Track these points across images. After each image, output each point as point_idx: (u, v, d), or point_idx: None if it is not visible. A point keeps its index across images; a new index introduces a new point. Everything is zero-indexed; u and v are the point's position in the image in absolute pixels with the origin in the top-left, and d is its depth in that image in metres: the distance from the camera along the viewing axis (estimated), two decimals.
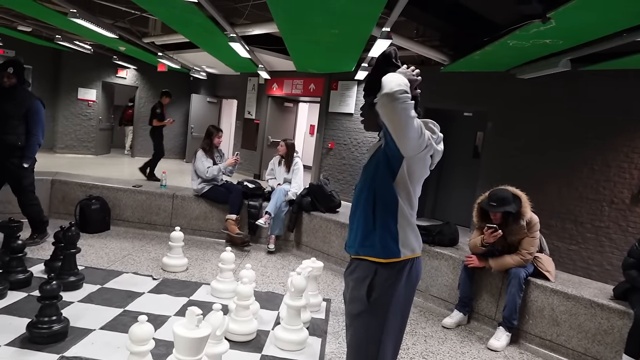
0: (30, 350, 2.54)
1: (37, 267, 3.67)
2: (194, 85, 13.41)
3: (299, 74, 9.61)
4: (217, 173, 5.22)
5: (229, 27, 5.87)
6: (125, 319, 3.05)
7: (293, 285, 2.94)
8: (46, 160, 9.97)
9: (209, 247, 5.06)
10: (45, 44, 10.52)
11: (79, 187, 5.32)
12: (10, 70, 3.86)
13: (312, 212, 5.14)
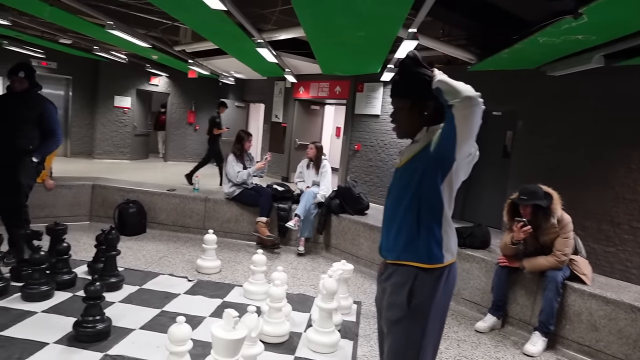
0: (77, 349, 2.68)
1: (80, 269, 3.85)
2: (223, 91, 13.66)
3: (325, 76, 9.68)
4: (247, 177, 5.33)
5: (256, 33, 5.99)
6: (163, 319, 3.17)
7: (324, 287, 2.99)
8: (86, 165, 10.38)
9: (241, 249, 5.18)
10: (84, 55, 10.95)
11: (117, 191, 5.54)
12: (21, 75, 3.76)
13: (340, 215, 5.19)
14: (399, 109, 1.89)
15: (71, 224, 4.42)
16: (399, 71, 1.88)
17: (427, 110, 1.82)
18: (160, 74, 12.56)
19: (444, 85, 1.66)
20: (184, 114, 13.48)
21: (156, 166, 12.22)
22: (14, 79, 3.77)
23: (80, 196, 5.52)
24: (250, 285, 3.76)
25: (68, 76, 11.78)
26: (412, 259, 1.81)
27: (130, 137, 12.53)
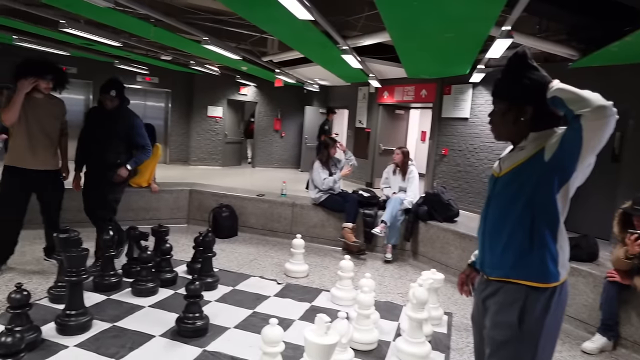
0: (179, 342, 2.86)
1: (180, 268, 4.12)
2: (307, 98, 13.98)
3: (410, 80, 9.52)
4: (333, 184, 5.38)
5: (341, 40, 6.06)
6: (255, 319, 3.28)
7: (414, 296, 2.92)
8: (182, 171, 11.15)
9: (327, 254, 5.23)
10: (181, 69, 11.82)
11: (212, 196, 5.87)
12: (112, 94, 3.84)
13: (429, 222, 5.05)
14: (495, 110, 1.78)
15: (171, 226, 4.73)
16: (503, 69, 1.75)
17: (524, 116, 1.68)
18: (249, 84, 13.16)
19: (567, 94, 1.52)
20: (270, 121, 14.00)
21: (245, 172, 12.80)
22: (106, 97, 3.86)
23: (179, 200, 5.93)
24: (337, 290, 3.77)
25: (167, 89, 12.76)
26: (524, 277, 1.65)
27: (222, 145, 13.25)
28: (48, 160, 3.79)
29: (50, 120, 3.80)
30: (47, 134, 3.77)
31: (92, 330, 2.89)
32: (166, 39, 7.61)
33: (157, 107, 12.95)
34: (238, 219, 5.72)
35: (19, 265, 4.02)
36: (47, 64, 3.73)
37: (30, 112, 3.66)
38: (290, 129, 14.26)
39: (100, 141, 3.90)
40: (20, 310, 2.51)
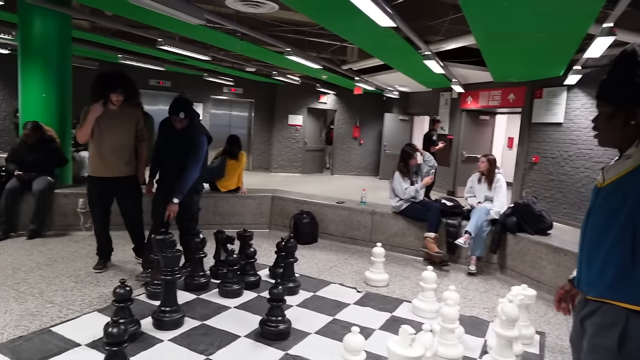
0: (262, 344, 2.95)
1: (263, 272, 4.26)
2: (387, 104, 13.88)
3: (497, 84, 9.11)
4: (415, 193, 5.27)
5: (423, 45, 5.95)
6: (336, 327, 3.29)
7: (504, 313, 2.76)
8: (264, 178, 11.56)
9: (407, 264, 5.13)
10: (264, 80, 12.31)
11: (293, 202, 6.01)
12: (182, 116, 3.73)
13: (518, 234, 4.77)
14: (600, 114, 1.61)
15: (254, 230, 4.89)
16: (609, 69, 1.58)
17: (635, 119, 1.50)
18: (328, 92, 13.36)
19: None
20: (349, 129, 14.08)
21: (324, 179, 12.97)
22: (175, 119, 3.76)
23: (262, 206, 6.14)
24: (419, 302, 3.68)
25: (251, 100, 13.34)
26: (624, 298, 1.50)
27: (302, 152, 13.56)
28: (121, 168, 3.95)
29: (123, 130, 3.95)
30: (120, 144, 3.92)
31: (184, 327, 3.07)
32: (251, 52, 7.98)
33: (241, 117, 13.58)
34: (318, 225, 5.80)
35: (122, 262, 4.39)
36: (117, 77, 3.86)
37: (104, 125, 3.85)
38: (369, 136, 14.24)
39: (172, 157, 3.86)
40: (124, 304, 2.74)
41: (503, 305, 2.83)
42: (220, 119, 13.30)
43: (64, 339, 2.82)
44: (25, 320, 3.06)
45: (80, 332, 2.89)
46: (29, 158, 5.03)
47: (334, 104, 13.91)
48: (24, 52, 5.48)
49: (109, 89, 3.78)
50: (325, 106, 13.88)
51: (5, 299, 3.37)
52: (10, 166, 5.05)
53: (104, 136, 3.87)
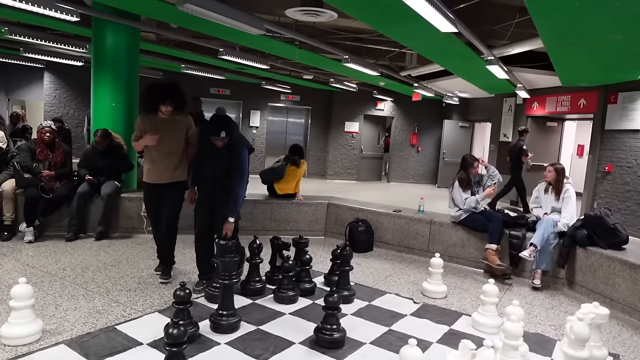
0: (316, 352, 2.92)
1: (318, 279, 4.25)
2: (446, 111, 13.55)
3: (566, 89, 8.62)
4: (475, 204, 5.07)
5: (486, 50, 5.75)
6: (391, 338, 3.21)
7: (573, 331, 2.58)
8: (319, 185, 11.62)
9: (467, 276, 4.93)
10: (321, 87, 12.42)
11: (349, 210, 5.98)
12: (223, 135, 3.58)
13: (588, 248, 4.45)
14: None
15: (310, 237, 4.89)
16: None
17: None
18: (386, 99, 13.24)
19: None
20: (407, 136, 13.87)
21: (380, 187, 12.83)
22: (217, 139, 3.60)
23: (318, 213, 6.15)
24: (479, 316, 3.51)
25: (308, 107, 13.48)
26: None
27: (358, 159, 13.51)
28: (169, 175, 4.00)
29: (173, 138, 4.00)
30: (170, 152, 3.99)
31: (240, 331, 3.12)
32: (309, 60, 8.07)
33: (298, 124, 13.77)
34: (374, 233, 5.72)
35: (181, 265, 4.55)
36: (166, 88, 3.88)
37: (150, 133, 3.94)
38: (428, 143, 13.95)
39: (214, 169, 3.81)
40: (183, 306, 2.82)
41: (572, 323, 2.65)
42: (277, 126, 13.55)
43: (127, 337, 2.94)
44: (93, 317, 3.23)
45: (143, 332, 3.01)
46: (99, 163, 5.34)
47: (391, 111, 13.76)
48: (96, 64, 5.86)
49: (158, 100, 3.83)
50: (382, 113, 13.76)
51: (75, 297, 3.58)
52: (82, 171, 5.39)
53: (155, 146, 3.94)
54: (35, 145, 5.11)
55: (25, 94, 12.54)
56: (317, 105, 13.43)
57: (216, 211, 3.85)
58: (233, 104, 12.71)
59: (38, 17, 5.61)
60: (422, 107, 13.08)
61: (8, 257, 4.44)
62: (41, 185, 4.98)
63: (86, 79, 6.22)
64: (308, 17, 5.67)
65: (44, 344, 2.79)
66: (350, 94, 12.43)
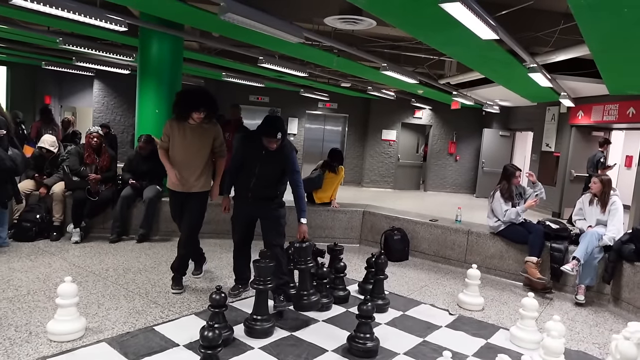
0: None
1: (352, 287, 4.23)
2: (486, 119, 13.26)
3: (613, 97, 8.27)
4: (515, 217, 4.92)
5: (529, 57, 5.60)
6: (425, 349, 3.16)
7: (619, 351, 2.46)
8: (355, 193, 11.59)
9: (505, 288, 4.79)
10: (358, 95, 12.43)
11: (384, 218, 5.93)
12: (279, 136, 3.50)
13: (636, 263, 4.24)
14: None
15: (345, 245, 4.88)
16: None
17: None
18: (424, 107, 13.09)
19: None
20: (445, 144, 13.65)
21: (416, 196, 12.66)
22: (272, 141, 3.51)
23: (353, 221, 6.14)
24: (518, 330, 3.41)
25: (345, 114, 13.50)
26: None
27: (394, 168, 13.40)
28: (191, 184, 3.90)
29: (199, 146, 3.89)
30: (195, 160, 3.88)
31: (273, 336, 3.15)
32: (347, 68, 8.10)
33: (335, 131, 13.80)
34: (409, 243, 5.65)
35: (217, 269, 4.64)
36: (201, 96, 3.80)
37: (179, 140, 3.84)
38: (466, 152, 13.68)
39: (261, 177, 3.68)
40: (218, 309, 2.88)
41: (618, 342, 2.52)
42: (315, 133, 13.63)
43: (165, 338, 3.03)
44: (132, 317, 3.34)
45: (179, 333, 3.09)
46: (143, 168, 5.53)
47: (429, 119, 13.59)
48: (141, 72, 6.10)
49: (192, 107, 3.73)
50: (420, 121, 13.60)
51: (116, 297, 3.72)
52: (126, 175, 5.60)
53: (179, 151, 3.87)
54: (83, 150, 5.36)
55: (76, 101, 13.19)
56: (354, 113, 13.43)
57: (261, 220, 3.77)
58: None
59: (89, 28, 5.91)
60: (461, 115, 12.84)
61: (56, 256, 4.66)
62: (88, 188, 5.21)
63: (132, 86, 6.47)
64: (347, 25, 5.70)
65: (86, 341, 2.91)
66: (388, 101, 12.37)
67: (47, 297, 3.56)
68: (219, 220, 5.64)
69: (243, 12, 3.97)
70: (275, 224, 3.75)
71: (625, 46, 4.66)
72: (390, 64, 6.53)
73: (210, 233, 5.58)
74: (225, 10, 3.86)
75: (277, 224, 3.76)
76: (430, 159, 13.68)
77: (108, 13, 4.70)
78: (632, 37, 4.27)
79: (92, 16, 4.53)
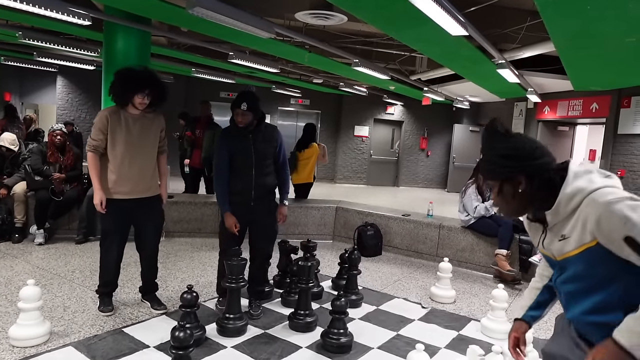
0: (323, 357, 2.90)
1: (325, 283, 4.22)
2: (456, 115, 13.48)
3: (577, 93, 8.53)
4: (484, 212, 5.01)
5: (497, 54, 5.70)
6: (399, 343, 3.18)
7: None
8: (328, 189, 11.59)
9: (476, 280, 4.88)
10: (331, 91, 12.42)
11: (357, 214, 5.95)
12: (244, 107, 3.24)
13: None
14: (492, 190, 1.62)
15: (318, 241, 4.86)
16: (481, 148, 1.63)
17: (521, 187, 1.50)
18: (396, 103, 13.20)
19: None
20: (416, 140, 13.81)
21: (389, 191, 12.77)
22: (237, 112, 3.28)
23: (326, 217, 6.13)
24: (489, 321, 3.47)
25: (317, 111, 13.49)
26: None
27: (367, 164, 13.47)
28: (146, 186, 3.30)
29: (147, 140, 3.29)
30: (144, 157, 3.27)
31: (246, 335, 3.11)
32: (319, 63, 8.07)
33: None
34: (383, 238, 5.69)
35: (188, 269, 4.55)
36: (145, 76, 3.16)
37: (122, 134, 3.17)
38: (437, 147, 13.88)
39: (259, 163, 3.37)
40: (190, 309, 2.82)
41: None
42: (287, 130, 13.54)
43: (134, 340, 2.95)
44: (100, 320, 3.24)
45: (149, 334, 3.02)
46: None
47: (401, 115, 13.72)
48: (107, 68, 5.91)
49: (134, 89, 3.09)
50: (393, 117, 13.72)
51: (83, 299, 3.60)
52: None
53: (124, 149, 3.17)
54: (46, 149, 5.16)
55: (38, 98, 12.72)
56: (326, 109, 13.44)
57: (255, 225, 3.46)
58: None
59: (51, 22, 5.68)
60: (432, 111, 13.02)
61: (19, 259, 4.48)
62: (52, 187, 5.02)
63: (98, 82, 6.28)
64: (318, 20, 5.67)
65: (51, 346, 2.81)
66: (360, 98, 12.42)
67: (8, 302, 3.41)
68: (190, 219, 5.54)
69: (212, 6, 3.89)
70: (270, 230, 3.56)
71: (589, 43, 4.80)
72: (362, 60, 6.54)
73: (181, 232, 5.48)
74: (193, 4, 3.77)
75: (272, 231, 3.58)
76: (403, 155, 13.83)
77: (71, 6, 4.53)
78: (596, 34, 4.40)
79: (53, 9, 4.35)
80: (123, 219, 3.30)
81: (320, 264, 4.06)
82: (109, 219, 3.25)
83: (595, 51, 5.12)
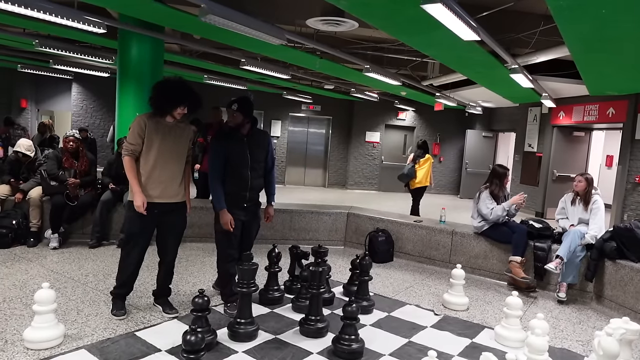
0: None
1: (337, 289, 4.20)
2: (469, 121, 13.39)
3: (593, 98, 8.42)
4: (502, 213, 4.93)
5: (510, 58, 5.66)
6: (411, 349, 3.14)
7: (602, 347, 2.48)
8: (340, 195, 11.58)
9: (490, 288, 4.81)
10: (342, 97, 12.45)
11: (369, 220, 5.92)
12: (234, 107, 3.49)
13: (618, 261, 4.30)
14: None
15: (329, 247, 4.86)
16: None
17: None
18: (407, 109, 13.17)
19: None
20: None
21: (401, 197, 12.69)
22: (229, 112, 3.49)
23: (337, 223, 6.11)
24: (502, 329, 3.41)
25: (328, 116, 13.51)
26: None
27: (379, 169, 13.43)
28: (175, 191, 3.40)
29: (180, 146, 3.41)
30: (177, 166, 3.39)
31: (257, 340, 3.10)
32: (330, 69, 8.10)
33: (319, 134, 13.79)
34: (394, 244, 5.65)
35: (200, 273, 4.57)
36: (187, 89, 3.32)
37: (158, 140, 3.28)
38: (450, 153, 13.79)
39: (255, 166, 3.57)
40: (201, 313, 2.82)
41: (601, 339, 2.54)
42: (298, 136, 13.61)
43: (146, 343, 2.96)
44: (113, 323, 3.26)
45: (161, 338, 3.03)
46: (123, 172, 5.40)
47: (412, 121, 13.67)
48: (121, 75, 6.01)
49: (177, 102, 3.25)
50: (404, 123, 13.68)
51: (97, 303, 3.62)
52: (106, 179, 5.48)
53: (159, 156, 3.29)
54: (62, 154, 5.24)
55: (54, 105, 12.95)
56: (338, 115, 13.45)
57: (248, 224, 3.65)
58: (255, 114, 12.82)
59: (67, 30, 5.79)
60: (444, 116, 12.95)
61: (33, 262, 4.54)
62: (66, 192, 5.09)
63: (112, 89, 6.38)
64: (329, 27, 5.70)
65: (65, 349, 2.83)
66: (372, 103, 12.41)
67: (23, 305, 3.45)
68: (202, 224, 5.57)
69: (224, 13, 3.93)
70: (257, 227, 3.82)
71: (604, 48, 4.74)
72: (373, 66, 6.55)
73: (193, 237, 5.51)
74: (206, 12, 3.82)
75: (258, 227, 3.84)
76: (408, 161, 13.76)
77: (86, 15, 4.62)
78: (611, 38, 4.35)
79: (69, 18, 4.44)
80: (149, 223, 3.36)
81: (332, 270, 4.02)
82: (136, 222, 3.32)
83: (611, 56, 5.06)
